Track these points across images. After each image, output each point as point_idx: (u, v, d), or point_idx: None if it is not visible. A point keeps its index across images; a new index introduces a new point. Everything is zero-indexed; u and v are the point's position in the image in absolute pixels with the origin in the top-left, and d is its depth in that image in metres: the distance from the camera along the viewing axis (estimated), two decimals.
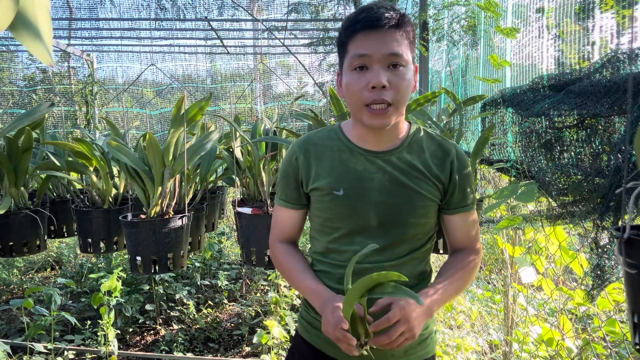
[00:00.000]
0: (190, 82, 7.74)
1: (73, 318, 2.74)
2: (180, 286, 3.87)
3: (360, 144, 1.13)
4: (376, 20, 0.99)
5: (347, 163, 1.11)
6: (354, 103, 1.05)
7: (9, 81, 7.11)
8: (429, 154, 1.12)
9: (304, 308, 1.23)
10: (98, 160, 1.93)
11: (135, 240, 1.62)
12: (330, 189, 1.10)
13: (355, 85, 1.02)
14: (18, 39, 0.38)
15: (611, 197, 0.89)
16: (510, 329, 2.34)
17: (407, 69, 1.02)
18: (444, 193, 1.13)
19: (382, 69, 1.00)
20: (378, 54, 0.99)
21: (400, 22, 1.01)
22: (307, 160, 1.15)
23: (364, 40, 1.00)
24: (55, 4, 5.17)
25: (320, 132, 1.20)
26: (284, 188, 1.19)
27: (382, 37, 0.99)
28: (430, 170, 1.11)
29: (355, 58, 1.02)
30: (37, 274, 4.88)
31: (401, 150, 1.12)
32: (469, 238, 1.17)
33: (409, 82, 1.03)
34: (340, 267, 1.11)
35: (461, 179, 1.13)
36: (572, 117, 1.08)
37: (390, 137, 1.12)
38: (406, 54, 1.01)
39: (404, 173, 1.09)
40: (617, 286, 1.77)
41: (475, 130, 2.20)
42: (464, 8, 2.31)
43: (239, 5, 5.39)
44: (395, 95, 1.01)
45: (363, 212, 1.09)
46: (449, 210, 1.14)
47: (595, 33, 1.35)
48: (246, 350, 3.35)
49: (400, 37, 1.01)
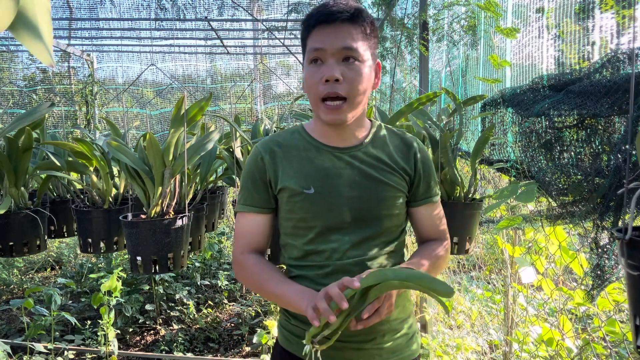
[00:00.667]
0: (190, 82, 7.74)
1: (73, 318, 2.74)
2: (180, 286, 3.87)
3: (325, 141, 1.13)
4: (329, 15, 1.01)
5: (315, 161, 1.11)
6: (312, 97, 1.06)
7: (9, 81, 7.11)
8: (393, 148, 1.15)
9: (283, 317, 1.19)
10: (98, 160, 1.93)
11: (135, 240, 1.62)
12: (301, 187, 1.09)
13: (311, 79, 1.04)
14: (18, 39, 0.38)
15: (611, 197, 0.89)
16: (510, 329, 2.34)
17: (363, 64, 1.03)
18: (410, 185, 1.15)
19: (336, 63, 1.01)
20: (332, 48, 1.00)
21: (355, 17, 1.02)
22: (273, 161, 1.13)
23: (319, 35, 1.02)
24: (55, 4, 5.17)
25: (283, 133, 1.19)
26: (249, 192, 1.14)
27: (336, 31, 1.01)
28: (397, 162, 1.13)
29: (311, 52, 1.03)
30: (37, 274, 4.88)
31: (366, 145, 1.13)
32: (436, 230, 1.19)
33: (365, 77, 1.03)
34: (320, 268, 1.09)
35: (425, 171, 1.16)
36: (572, 117, 1.08)
37: (354, 133, 1.13)
38: (362, 49, 1.02)
39: (372, 166, 1.11)
40: (617, 286, 1.77)
41: (475, 130, 2.20)
42: (464, 8, 2.31)
43: (239, 5, 5.39)
44: (349, 89, 1.02)
45: (336, 208, 1.08)
46: (416, 202, 1.17)
47: (595, 33, 1.35)
48: (246, 350, 3.35)
49: (355, 32, 1.02)
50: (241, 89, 7.70)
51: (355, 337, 1.08)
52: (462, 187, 1.68)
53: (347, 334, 1.04)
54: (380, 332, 1.09)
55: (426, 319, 2.79)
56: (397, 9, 3.18)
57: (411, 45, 2.91)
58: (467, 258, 3.94)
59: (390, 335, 1.11)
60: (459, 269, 3.78)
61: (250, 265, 1.12)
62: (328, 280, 1.02)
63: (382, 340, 1.10)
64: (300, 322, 1.13)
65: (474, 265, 3.92)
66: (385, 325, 1.10)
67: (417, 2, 2.65)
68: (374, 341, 1.09)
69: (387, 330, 1.10)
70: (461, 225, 1.63)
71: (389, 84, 3.62)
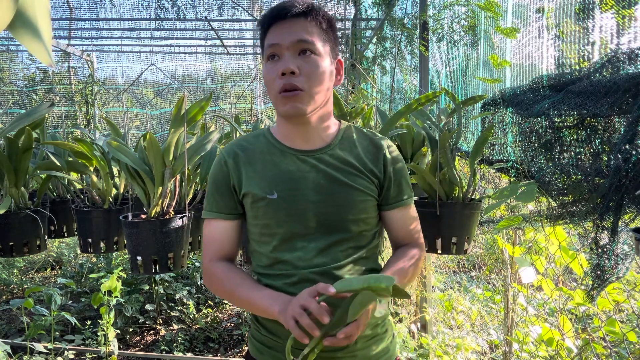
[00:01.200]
0: (190, 82, 7.74)
1: (73, 318, 2.74)
2: (180, 286, 3.87)
3: (290, 144, 1.10)
4: (282, 10, 1.01)
5: (279, 164, 1.08)
6: (271, 94, 1.05)
7: (9, 81, 7.11)
8: (362, 149, 1.12)
9: (254, 327, 1.15)
10: (98, 160, 1.93)
11: (135, 240, 1.62)
12: (264, 193, 1.05)
13: (269, 75, 1.03)
14: (18, 39, 0.38)
15: (611, 197, 0.89)
16: (510, 329, 2.34)
17: (321, 58, 1.02)
18: (380, 188, 1.11)
19: (291, 56, 1.00)
20: (286, 42, 1.00)
21: (308, 11, 1.02)
22: (236, 165, 1.10)
23: (275, 31, 1.02)
24: (55, 4, 5.17)
25: (248, 137, 1.16)
26: (215, 198, 1.11)
27: (290, 26, 1.01)
28: (365, 165, 1.10)
29: (267, 48, 1.03)
30: (37, 274, 4.88)
31: (333, 148, 1.10)
32: (409, 234, 1.15)
33: (323, 71, 1.02)
34: (287, 277, 1.05)
35: (396, 173, 1.12)
36: (572, 117, 1.08)
37: (319, 135, 1.10)
38: (318, 42, 1.02)
39: (338, 170, 1.07)
40: (617, 286, 1.77)
41: (475, 130, 2.20)
42: (464, 8, 2.31)
43: (239, 5, 5.39)
44: (306, 82, 1.00)
45: (301, 213, 1.04)
46: (387, 205, 1.13)
47: (595, 33, 1.35)
48: (246, 350, 3.35)
49: (310, 26, 1.02)
50: (241, 89, 7.70)
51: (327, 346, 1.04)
52: (461, 187, 1.68)
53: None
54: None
55: (426, 319, 2.79)
56: (397, 9, 3.18)
57: (411, 45, 2.91)
58: (467, 258, 3.94)
59: (363, 341, 1.07)
60: (459, 269, 3.78)
61: (219, 272, 1.09)
62: (295, 289, 0.99)
63: (354, 348, 1.05)
64: (269, 333, 1.09)
65: (474, 265, 3.92)
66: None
67: (417, 2, 2.65)
68: (347, 349, 1.05)
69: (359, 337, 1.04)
70: (460, 225, 1.63)
71: (389, 84, 3.62)
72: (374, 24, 3.54)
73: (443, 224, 1.63)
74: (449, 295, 3.02)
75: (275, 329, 1.08)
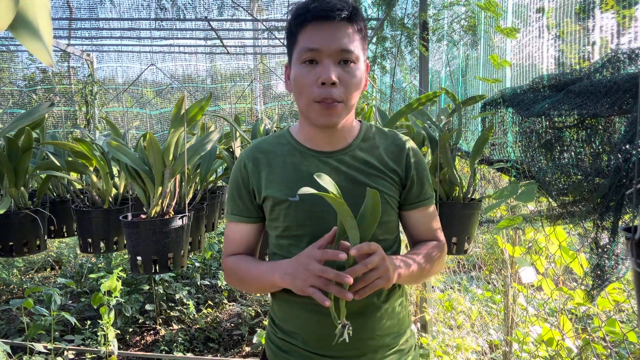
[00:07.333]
0: (190, 82, 7.74)
1: (73, 318, 2.74)
2: (180, 286, 3.87)
3: (311, 146, 1.08)
4: (329, 11, 0.94)
5: (299, 166, 1.06)
6: (303, 99, 0.99)
7: (9, 81, 7.11)
8: (383, 150, 1.09)
9: (271, 329, 1.15)
10: (98, 160, 1.93)
11: (135, 240, 1.62)
12: (284, 195, 1.04)
13: (304, 80, 0.97)
14: (18, 39, 0.38)
15: (611, 197, 0.89)
16: (510, 329, 2.34)
17: (358, 66, 0.98)
18: (401, 188, 1.10)
19: (332, 65, 0.95)
20: (329, 49, 0.94)
21: (353, 16, 0.96)
22: (256, 168, 1.09)
23: (315, 33, 0.95)
24: (55, 4, 5.17)
25: (268, 139, 1.14)
26: (235, 201, 1.12)
27: (334, 31, 0.95)
28: (387, 165, 1.08)
29: (304, 51, 0.96)
30: (37, 274, 4.88)
31: (354, 149, 1.08)
32: (431, 231, 1.14)
33: (359, 79, 0.99)
34: None
35: (418, 173, 1.11)
36: (572, 117, 1.08)
37: (341, 136, 1.08)
38: (357, 51, 0.97)
39: (360, 171, 1.06)
40: (617, 286, 1.77)
41: (475, 130, 2.20)
42: (464, 8, 2.31)
43: (239, 5, 5.39)
44: (344, 93, 0.97)
45: (321, 216, 1.03)
46: (409, 205, 1.11)
47: (596, 33, 1.35)
48: (246, 350, 3.35)
49: (352, 32, 0.96)
50: (241, 89, 7.70)
51: (346, 353, 1.03)
52: (461, 187, 1.68)
53: (338, 349, 1.02)
54: (372, 347, 1.04)
55: (426, 319, 2.79)
56: (397, 9, 3.18)
57: (411, 45, 2.91)
58: (467, 258, 3.94)
59: (382, 351, 1.06)
60: (459, 269, 3.79)
61: (231, 262, 1.11)
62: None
63: (373, 357, 1.04)
64: (285, 335, 1.09)
65: (474, 265, 3.92)
66: (377, 340, 1.05)
67: (417, 2, 2.65)
68: (365, 357, 1.04)
69: (379, 346, 1.05)
70: (460, 225, 1.63)
71: (389, 84, 3.62)
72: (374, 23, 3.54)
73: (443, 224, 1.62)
74: (449, 295, 3.02)
75: (289, 331, 1.08)
